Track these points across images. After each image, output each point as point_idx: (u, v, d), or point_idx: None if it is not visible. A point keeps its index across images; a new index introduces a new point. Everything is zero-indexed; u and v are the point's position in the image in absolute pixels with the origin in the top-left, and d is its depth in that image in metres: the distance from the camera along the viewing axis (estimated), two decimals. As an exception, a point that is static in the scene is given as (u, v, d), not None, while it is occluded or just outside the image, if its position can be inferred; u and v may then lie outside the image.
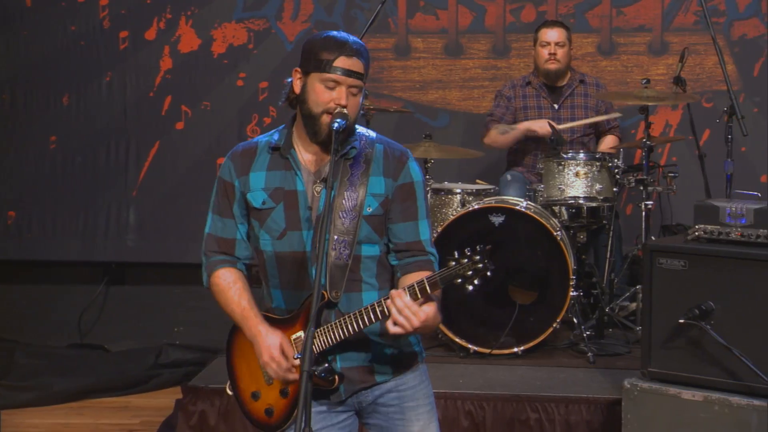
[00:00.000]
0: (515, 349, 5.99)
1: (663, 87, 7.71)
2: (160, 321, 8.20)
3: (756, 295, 4.75)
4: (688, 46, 6.78)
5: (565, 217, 6.31)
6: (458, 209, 6.38)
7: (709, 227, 4.93)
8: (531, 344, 5.96)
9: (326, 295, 3.49)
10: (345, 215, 3.52)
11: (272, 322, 3.59)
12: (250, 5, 7.99)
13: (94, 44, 8.13)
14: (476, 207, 6.03)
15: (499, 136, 6.86)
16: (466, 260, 3.27)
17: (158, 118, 8.09)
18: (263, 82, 8.04)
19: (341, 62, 3.49)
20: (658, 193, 6.65)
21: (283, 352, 3.50)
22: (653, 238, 6.60)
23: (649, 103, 6.37)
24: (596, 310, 6.34)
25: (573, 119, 6.95)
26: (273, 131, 3.69)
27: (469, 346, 6.01)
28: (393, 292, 3.37)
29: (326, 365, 3.55)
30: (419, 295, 3.34)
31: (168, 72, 8.07)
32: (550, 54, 6.91)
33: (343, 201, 3.53)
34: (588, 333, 6.04)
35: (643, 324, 5.05)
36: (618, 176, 6.30)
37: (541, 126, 6.72)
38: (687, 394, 4.89)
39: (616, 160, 6.31)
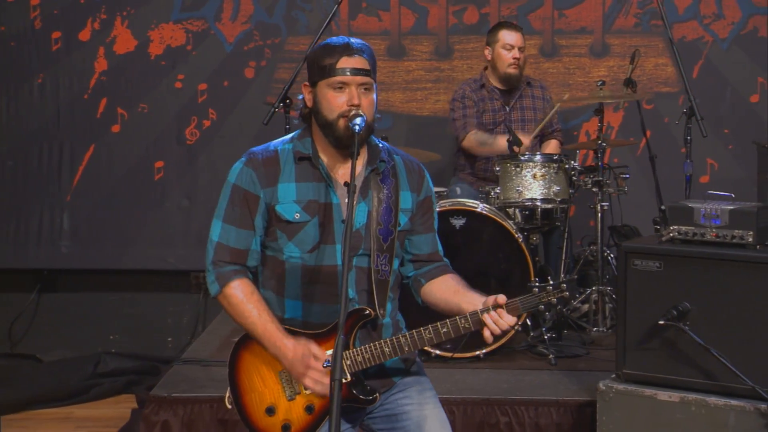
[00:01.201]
0: (477, 353, 5.96)
1: (605, 88, 7.75)
2: (94, 329, 8.04)
3: (731, 295, 4.79)
4: (639, 48, 6.81)
5: (519, 219, 6.30)
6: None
7: (684, 228, 4.96)
8: (493, 347, 5.93)
9: (372, 313, 3.48)
10: (383, 231, 3.51)
11: (305, 336, 3.53)
12: (188, 6, 7.85)
13: (25, 45, 7.91)
14: (438, 210, 5.97)
15: (479, 146, 6.80)
16: (551, 288, 3.34)
17: (93, 120, 7.91)
18: (202, 83, 7.91)
19: (344, 62, 3.46)
20: (609, 195, 6.67)
21: (315, 358, 3.45)
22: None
23: (608, 101, 6.41)
24: (550, 311, 6.34)
25: (523, 121, 6.94)
26: (285, 139, 3.60)
27: (431, 350, 5.96)
28: (488, 317, 3.41)
29: (366, 383, 3.53)
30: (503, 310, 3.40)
31: (103, 74, 7.89)
32: (514, 59, 6.87)
33: (381, 218, 3.51)
34: (549, 335, 6.03)
35: (618, 325, 5.05)
36: (575, 178, 6.31)
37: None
38: (663, 395, 4.91)
39: (573, 162, 6.32)
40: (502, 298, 3.39)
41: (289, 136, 3.62)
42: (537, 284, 3.40)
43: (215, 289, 3.56)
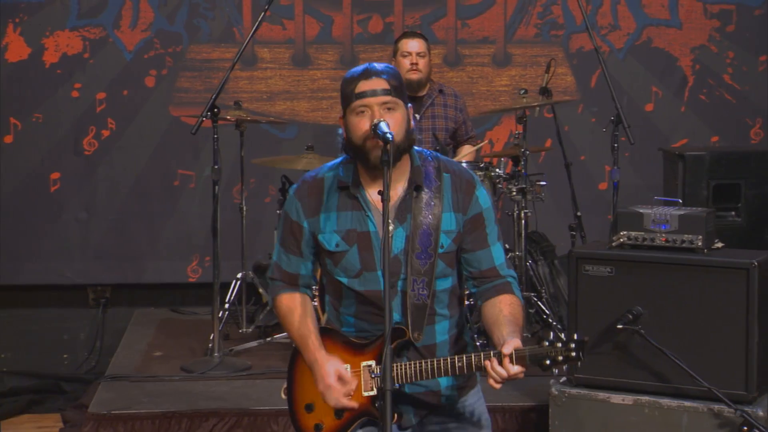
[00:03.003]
0: (413, 362, 5.95)
1: (507, 98, 7.89)
2: (-18, 347, 7.77)
3: (682, 298, 4.91)
4: (555, 57, 6.93)
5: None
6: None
7: (634, 233, 5.06)
8: (428, 355, 5.93)
9: (408, 334, 3.48)
10: (421, 255, 3.49)
11: (346, 343, 3.56)
12: (85, 12, 7.65)
13: None
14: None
15: None
16: (560, 345, 3.29)
17: (-17, 131, 7.64)
18: (101, 93, 7.71)
19: (362, 86, 3.45)
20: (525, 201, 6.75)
21: (340, 379, 3.47)
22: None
23: (533, 105, 6.49)
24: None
25: (434, 129, 6.98)
26: (335, 163, 3.60)
27: (366, 359, 5.94)
28: (489, 363, 3.34)
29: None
30: (512, 361, 3.32)
31: (-6, 82, 7.63)
32: (411, 64, 6.92)
33: (419, 241, 3.48)
34: (480, 342, 6.08)
35: (570, 331, 5.12)
36: (499, 185, 6.38)
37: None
38: (616, 398, 5.00)
39: (497, 170, 6.39)
40: (507, 348, 3.34)
41: (338, 160, 3.59)
42: (549, 340, 3.37)
43: (270, 299, 3.80)
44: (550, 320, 6.54)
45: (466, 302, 4.15)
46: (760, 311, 4.81)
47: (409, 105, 3.52)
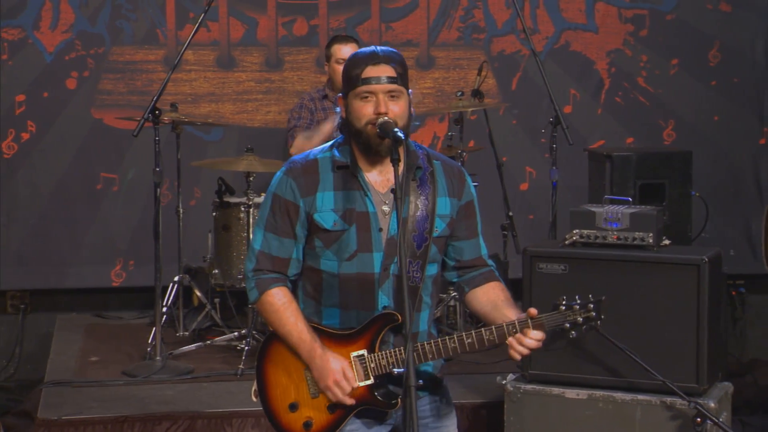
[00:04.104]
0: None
1: (431, 100, 7.98)
2: None
3: (634, 294, 5.04)
4: (487, 60, 7.03)
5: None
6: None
7: (586, 231, 5.17)
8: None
9: (399, 318, 3.47)
10: (417, 238, 3.52)
11: (330, 336, 3.53)
12: (3, 13, 7.49)
13: None
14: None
15: (306, 142, 6.79)
16: (578, 308, 3.43)
17: None
18: (20, 95, 7.57)
19: (369, 72, 3.46)
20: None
21: (345, 377, 3.47)
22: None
23: (471, 108, 6.58)
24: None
25: (369, 132, 7.01)
26: (324, 147, 3.60)
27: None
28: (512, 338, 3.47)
29: (390, 387, 3.51)
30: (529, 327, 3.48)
31: None
32: None
33: (416, 224, 3.52)
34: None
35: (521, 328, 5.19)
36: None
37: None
38: (571, 393, 5.10)
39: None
40: (531, 313, 3.45)
41: (329, 144, 3.59)
42: (564, 302, 3.45)
43: (254, 296, 3.54)
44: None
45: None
46: (709, 306, 4.96)
47: (410, 91, 3.54)
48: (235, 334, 6.45)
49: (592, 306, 3.45)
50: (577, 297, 3.48)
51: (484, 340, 3.47)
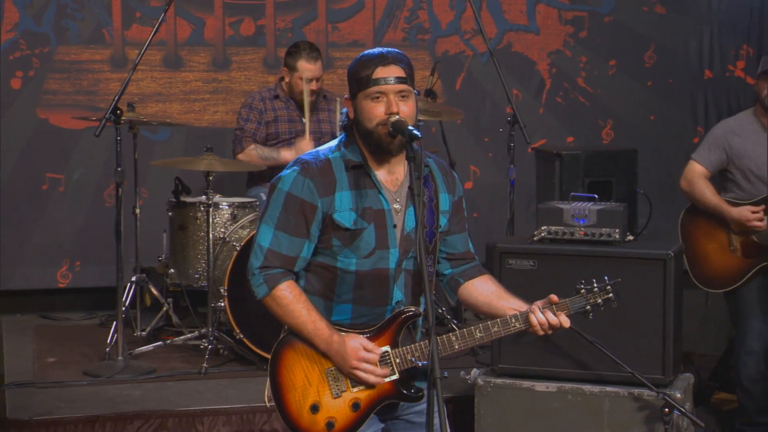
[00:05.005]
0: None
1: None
2: None
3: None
4: (440, 61, 7.11)
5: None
6: (228, 223, 6.41)
7: (554, 228, 5.29)
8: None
9: (420, 312, 3.58)
10: (428, 234, 3.59)
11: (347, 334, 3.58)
12: (-54, 12, 7.41)
13: None
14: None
15: (259, 159, 6.80)
16: (597, 290, 3.59)
17: None
18: (-38, 96, 7.49)
19: (380, 72, 3.51)
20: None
21: (367, 349, 3.53)
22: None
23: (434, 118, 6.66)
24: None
25: (320, 133, 7.05)
26: (331, 147, 3.63)
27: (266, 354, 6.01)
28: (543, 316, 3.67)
29: (413, 380, 3.62)
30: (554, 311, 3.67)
31: None
32: (311, 90, 6.86)
33: (426, 221, 3.59)
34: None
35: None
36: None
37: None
38: (540, 386, 5.21)
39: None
40: (553, 299, 3.57)
41: (334, 144, 3.62)
42: (584, 286, 3.59)
43: (264, 291, 3.54)
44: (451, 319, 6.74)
45: None
46: (675, 299, 5.11)
47: (416, 91, 3.61)
48: (195, 333, 6.44)
49: (609, 288, 3.61)
50: (594, 280, 3.62)
51: (510, 326, 3.63)
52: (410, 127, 3.46)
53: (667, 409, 4.97)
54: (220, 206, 6.47)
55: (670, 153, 8.55)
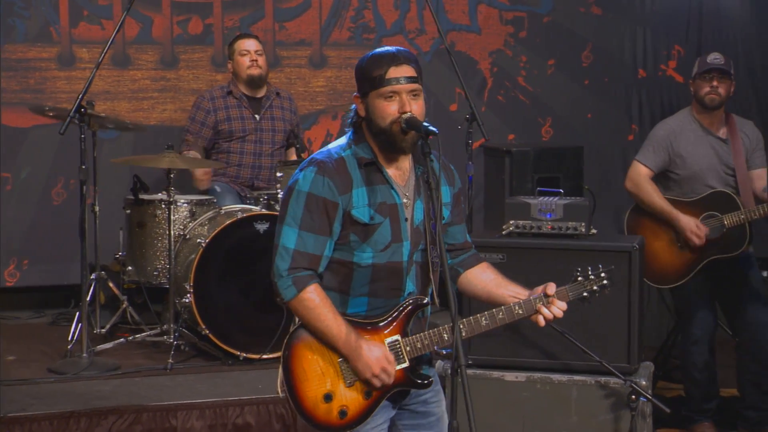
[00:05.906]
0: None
1: (324, 98, 8.12)
2: None
3: (569, 281, 5.28)
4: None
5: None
6: (187, 220, 6.45)
7: (522, 222, 5.43)
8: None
9: (429, 301, 3.75)
10: (434, 226, 3.69)
11: (361, 327, 3.68)
12: None
13: None
14: (244, 215, 6.13)
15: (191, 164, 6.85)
16: (593, 277, 3.79)
17: None
18: None
19: (393, 72, 3.60)
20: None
21: (389, 361, 3.65)
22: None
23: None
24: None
25: (274, 131, 7.14)
26: (342, 145, 3.71)
27: (238, 353, 6.06)
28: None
29: (422, 367, 3.75)
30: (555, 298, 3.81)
31: None
32: (251, 61, 7.06)
33: (432, 213, 3.70)
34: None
35: (464, 315, 5.40)
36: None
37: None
38: (510, 376, 5.35)
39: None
40: (552, 287, 3.69)
41: (344, 141, 3.69)
42: (580, 273, 3.74)
43: (292, 293, 3.59)
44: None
45: None
46: (639, 289, 5.28)
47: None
48: (156, 330, 6.46)
49: (603, 275, 3.81)
50: (589, 268, 3.77)
51: (514, 314, 3.77)
52: (426, 123, 3.56)
53: (634, 396, 5.14)
54: (179, 203, 6.50)
55: (606, 149, 8.77)
